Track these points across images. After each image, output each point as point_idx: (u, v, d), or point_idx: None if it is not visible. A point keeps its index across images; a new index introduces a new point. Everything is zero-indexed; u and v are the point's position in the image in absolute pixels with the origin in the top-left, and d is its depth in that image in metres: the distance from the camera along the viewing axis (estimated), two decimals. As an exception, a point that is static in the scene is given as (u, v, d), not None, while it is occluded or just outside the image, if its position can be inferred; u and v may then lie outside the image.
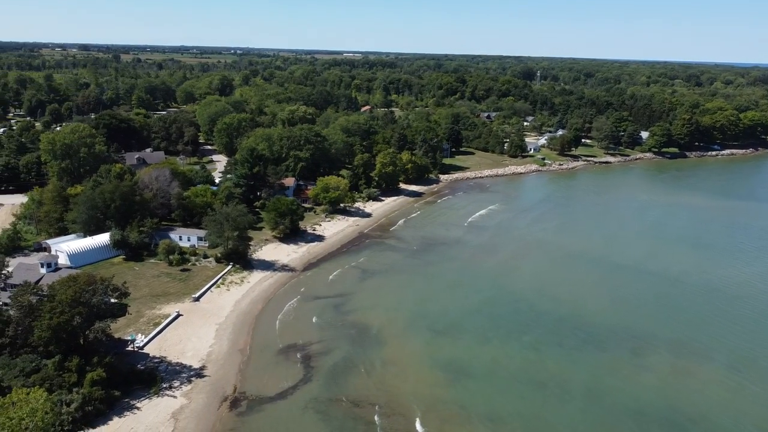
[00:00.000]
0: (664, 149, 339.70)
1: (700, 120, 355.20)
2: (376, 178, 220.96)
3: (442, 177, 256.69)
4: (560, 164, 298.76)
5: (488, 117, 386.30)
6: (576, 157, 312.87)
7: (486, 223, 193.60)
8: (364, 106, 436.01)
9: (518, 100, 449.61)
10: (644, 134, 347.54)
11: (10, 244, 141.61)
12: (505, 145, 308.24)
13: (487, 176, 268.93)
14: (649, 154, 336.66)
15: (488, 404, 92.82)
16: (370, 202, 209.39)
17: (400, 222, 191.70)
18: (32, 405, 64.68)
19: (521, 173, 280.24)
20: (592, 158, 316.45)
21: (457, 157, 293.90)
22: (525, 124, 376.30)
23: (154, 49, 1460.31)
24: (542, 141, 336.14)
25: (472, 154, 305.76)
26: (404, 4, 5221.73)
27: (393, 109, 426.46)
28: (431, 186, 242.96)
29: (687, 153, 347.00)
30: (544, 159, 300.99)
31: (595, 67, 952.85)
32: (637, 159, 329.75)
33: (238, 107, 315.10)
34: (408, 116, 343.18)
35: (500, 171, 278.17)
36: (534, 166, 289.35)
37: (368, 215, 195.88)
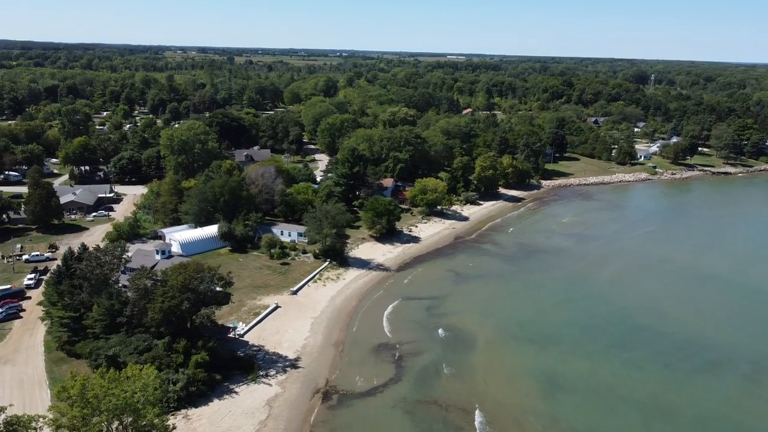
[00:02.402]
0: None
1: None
2: (475, 182, 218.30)
3: (544, 183, 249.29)
4: (672, 173, 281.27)
5: (596, 122, 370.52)
6: (691, 167, 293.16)
7: (588, 232, 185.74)
8: (465, 108, 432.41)
9: (629, 104, 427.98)
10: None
11: (130, 231, 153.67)
12: (613, 151, 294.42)
13: (591, 183, 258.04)
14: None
15: (581, 420, 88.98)
16: (468, 206, 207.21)
17: (498, 227, 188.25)
18: (144, 380, 69.21)
19: (629, 181, 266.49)
20: (709, 168, 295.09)
21: (560, 162, 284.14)
22: (636, 130, 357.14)
23: (265, 52, 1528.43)
24: (654, 148, 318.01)
25: (577, 160, 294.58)
26: (510, 5, 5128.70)
27: (495, 112, 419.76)
28: (532, 191, 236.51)
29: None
30: (654, 167, 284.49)
31: (716, 70, 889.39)
32: (761, 170, 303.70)
33: (341, 108, 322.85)
34: (510, 120, 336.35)
35: (606, 178, 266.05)
36: (643, 175, 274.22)
37: (465, 219, 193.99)
